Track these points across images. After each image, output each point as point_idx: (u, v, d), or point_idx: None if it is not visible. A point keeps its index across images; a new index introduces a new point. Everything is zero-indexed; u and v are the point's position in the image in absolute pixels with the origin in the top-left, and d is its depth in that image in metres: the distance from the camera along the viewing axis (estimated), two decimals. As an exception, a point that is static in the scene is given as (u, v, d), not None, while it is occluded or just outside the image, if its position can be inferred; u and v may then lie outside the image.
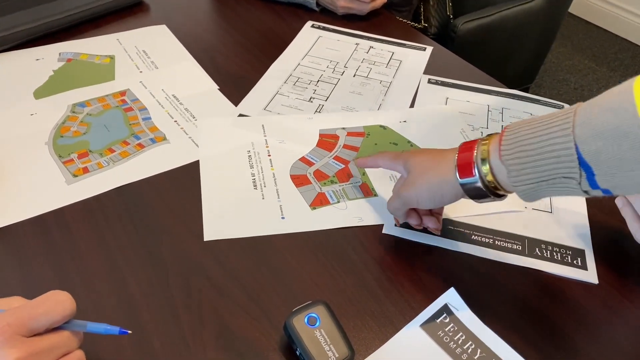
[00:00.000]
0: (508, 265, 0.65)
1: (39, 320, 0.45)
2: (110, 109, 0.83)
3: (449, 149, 0.61)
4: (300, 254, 0.65)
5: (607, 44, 2.87)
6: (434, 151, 0.63)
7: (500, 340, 0.57)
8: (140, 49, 0.97)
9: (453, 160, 0.58)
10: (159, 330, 0.56)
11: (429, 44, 1.07)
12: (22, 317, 0.44)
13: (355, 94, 0.91)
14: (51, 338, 0.45)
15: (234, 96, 0.88)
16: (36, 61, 0.92)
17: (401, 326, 0.58)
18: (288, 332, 0.54)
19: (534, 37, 1.73)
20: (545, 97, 0.94)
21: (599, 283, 0.64)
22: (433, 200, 0.61)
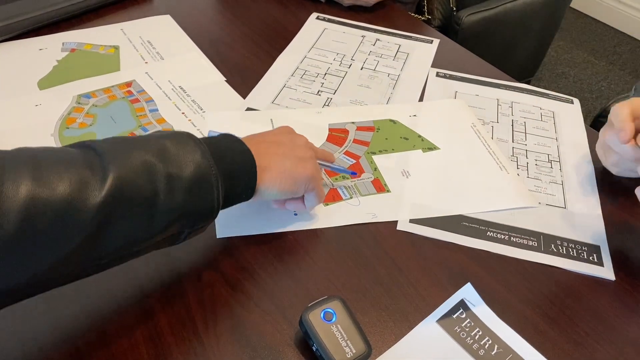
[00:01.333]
0: (523, 261, 0.65)
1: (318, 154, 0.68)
2: (116, 100, 0.82)
3: None
4: (313, 249, 0.64)
5: (606, 38, 2.86)
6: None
7: (517, 335, 0.57)
8: (144, 39, 0.95)
9: None
10: (172, 325, 0.55)
11: (435, 36, 1.06)
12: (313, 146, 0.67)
13: (363, 87, 0.90)
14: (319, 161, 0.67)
15: (240, 88, 0.87)
16: (39, 51, 0.90)
17: (417, 322, 0.58)
18: (304, 327, 0.53)
19: (536, 30, 1.73)
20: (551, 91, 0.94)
21: (614, 280, 0.64)
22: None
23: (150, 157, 0.48)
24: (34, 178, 0.41)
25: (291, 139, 0.64)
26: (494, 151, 0.79)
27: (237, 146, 0.57)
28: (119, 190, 0.45)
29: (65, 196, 0.42)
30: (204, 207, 0.52)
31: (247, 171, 0.57)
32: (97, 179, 0.44)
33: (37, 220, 0.41)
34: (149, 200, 0.47)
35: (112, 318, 0.55)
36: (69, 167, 0.44)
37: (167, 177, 0.48)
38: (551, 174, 0.77)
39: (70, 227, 0.42)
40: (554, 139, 0.83)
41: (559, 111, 0.89)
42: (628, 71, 2.63)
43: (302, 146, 0.64)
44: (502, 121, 0.85)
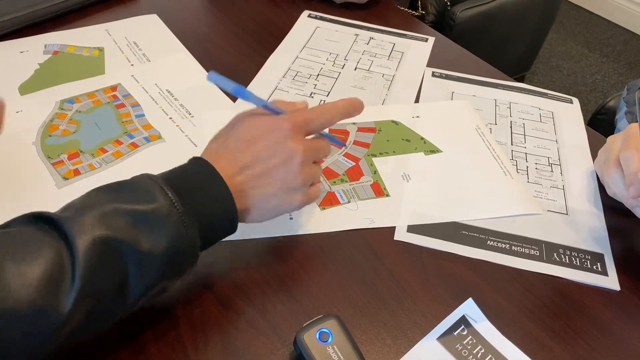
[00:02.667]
0: (525, 272, 0.63)
1: (315, 125, 0.57)
2: (101, 105, 0.78)
3: None
4: (308, 262, 0.62)
5: (599, 30, 2.85)
6: None
7: (520, 352, 0.55)
8: (130, 40, 0.92)
9: None
10: (159, 348, 0.53)
11: (430, 33, 1.03)
12: (305, 119, 0.56)
13: (357, 89, 0.87)
14: (320, 141, 0.58)
15: (231, 91, 0.84)
16: (20, 54, 0.87)
17: (417, 339, 0.55)
18: (299, 349, 0.51)
19: (531, 25, 1.70)
20: (540, 85, 0.92)
21: (619, 290, 0.62)
22: None
23: (120, 234, 0.45)
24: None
25: (286, 160, 0.54)
26: (499, 155, 0.76)
27: (215, 186, 0.51)
28: (88, 288, 0.43)
29: (34, 306, 0.40)
30: (180, 271, 0.50)
31: (225, 221, 0.53)
32: (66, 281, 0.42)
33: (3, 333, 0.39)
34: (119, 288, 0.45)
35: (95, 339, 0.53)
36: (33, 262, 0.41)
37: (137, 259, 0.45)
38: (552, 178, 0.75)
39: (39, 336, 0.41)
40: (554, 141, 0.81)
41: (558, 111, 0.87)
42: (622, 63, 2.62)
43: (296, 171, 0.55)
44: (500, 123, 0.83)
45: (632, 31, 2.84)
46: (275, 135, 0.54)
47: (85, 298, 0.43)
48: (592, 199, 0.72)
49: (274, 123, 0.55)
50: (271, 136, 0.55)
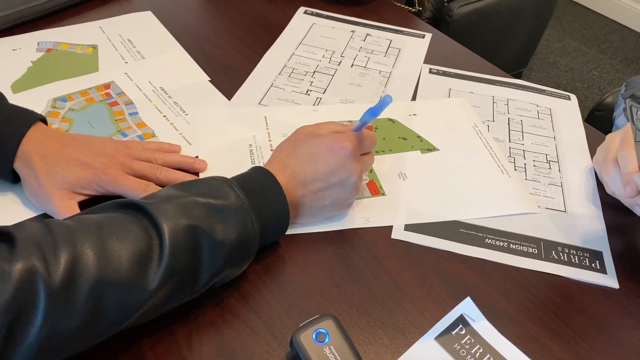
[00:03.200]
0: (524, 270, 0.62)
1: (366, 147, 0.64)
2: (94, 103, 0.78)
3: None
4: (304, 262, 0.61)
5: (596, 26, 2.84)
6: None
7: (519, 352, 0.54)
8: (124, 37, 0.91)
9: None
10: (154, 349, 0.52)
11: (426, 29, 1.02)
12: (360, 141, 0.62)
13: (354, 86, 0.86)
14: (368, 158, 0.65)
15: (226, 88, 0.83)
16: (13, 51, 0.86)
17: (414, 339, 0.55)
18: (295, 350, 0.50)
19: (528, 21, 1.70)
20: (537, 81, 0.91)
21: (618, 288, 0.61)
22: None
23: (200, 222, 0.50)
24: (101, 256, 0.45)
25: (344, 180, 0.60)
26: (496, 153, 0.76)
27: (275, 194, 0.57)
28: (171, 268, 0.48)
29: (127, 280, 0.46)
30: (240, 266, 0.55)
31: (280, 222, 0.58)
32: (155, 260, 0.48)
33: (102, 300, 0.45)
34: (194, 271, 0.51)
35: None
36: (130, 243, 0.47)
37: (212, 246, 0.51)
38: (550, 176, 0.74)
39: (129, 306, 0.47)
40: (552, 137, 0.80)
41: (556, 108, 0.86)
42: (619, 59, 2.62)
43: (351, 190, 0.61)
44: (497, 120, 0.82)
45: (629, 27, 2.83)
46: (337, 154, 0.59)
47: (168, 277, 0.48)
48: (590, 196, 0.72)
49: (336, 142, 0.60)
50: (333, 155, 0.59)
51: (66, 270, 0.43)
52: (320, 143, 0.60)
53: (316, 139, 0.61)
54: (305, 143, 0.61)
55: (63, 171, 0.60)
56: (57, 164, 0.60)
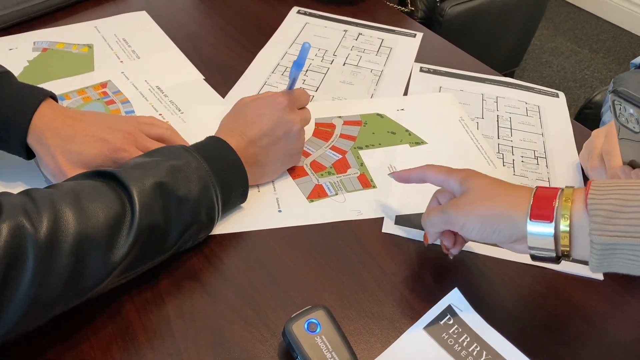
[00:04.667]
0: (511, 262, 0.64)
1: (299, 102, 0.70)
2: (91, 102, 0.79)
3: (517, 186, 0.54)
4: (296, 254, 0.62)
5: (588, 26, 2.87)
6: (500, 180, 0.56)
7: (505, 341, 0.56)
8: (120, 37, 0.92)
9: (528, 196, 0.51)
10: (150, 339, 0.53)
11: (418, 29, 1.04)
12: (292, 97, 0.68)
13: (346, 84, 0.88)
14: (303, 112, 0.71)
15: (220, 87, 0.84)
16: (9, 51, 0.87)
17: (404, 329, 0.56)
18: (287, 339, 0.52)
19: (520, 21, 1.71)
20: (529, 80, 0.93)
21: (603, 279, 0.63)
22: (481, 232, 0.53)
23: (164, 179, 0.54)
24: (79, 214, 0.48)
25: (287, 132, 0.66)
26: (482, 146, 0.78)
27: (229, 156, 0.62)
28: (143, 224, 0.52)
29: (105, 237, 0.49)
30: (207, 221, 0.58)
31: (240, 183, 0.62)
32: (127, 219, 0.51)
33: (84, 254, 0.48)
34: (164, 225, 0.54)
35: (86, 331, 0.53)
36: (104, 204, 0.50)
37: (177, 201, 0.55)
38: (537, 171, 0.76)
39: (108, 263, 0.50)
40: (540, 134, 0.82)
41: (544, 105, 0.88)
42: (611, 59, 2.64)
43: (295, 138, 0.67)
44: (487, 117, 0.84)
45: (621, 27, 2.85)
46: (275, 109, 0.66)
47: (142, 233, 0.51)
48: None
49: (272, 99, 0.66)
50: (272, 110, 0.65)
51: (49, 226, 0.46)
52: (259, 103, 0.67)
53: (254, 102, 0.67)
54: (246, 107, 0.67)
55: (79, 148, 0.61)
56: (72, 141, 0.61)
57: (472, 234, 0.54)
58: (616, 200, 0.45)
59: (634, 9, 2.79)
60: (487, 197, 0.54)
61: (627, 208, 0.45)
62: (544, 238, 0.49)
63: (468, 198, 0.54)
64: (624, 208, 0.45)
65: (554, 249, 0.50)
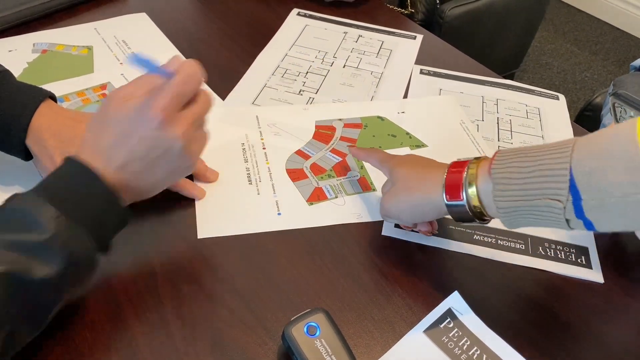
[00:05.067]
0: (511, 265, 0.63)
1: (186, 96, 0.52)
2: (91, 104, 0.79)
3: (435, 166, 0.60)
4: (295, 257, 0.62)
5: (588, 28, 2.87)
6: (420, 164, 0.61)
7: (505, 344, 0.55)
8: (119, 38, 0.92)
9: (441, 181, 0.56)
10: (149, 343, 0.53)
11: (418, 31, 1.04)
12: (174, 97, 0.51)
13: (346, 86, 0.88)
14: (196, 106, 0.53)
15: (220, 89, 0.84)
16: (9, 52, 0.87)
17: (404, 332, 0.56)
18: (287, 343, 0.51)
19: (520, 22, 1.71)
20: (529, 82, 0.93)
21: (603, 282, 0.63)
22: (413, 217, 0.61)
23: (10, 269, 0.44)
24: None
25: (166, 150, 0.52)
26: (483, 149, 0.77)
27: (95, 189, 0.50)
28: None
29: None
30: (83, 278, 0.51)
31: (115, 216, 0.52)
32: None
33: None
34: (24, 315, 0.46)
35: (85, 335, 0.53)
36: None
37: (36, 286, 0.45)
38: (538, 174, 0.75)
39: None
40: (540, 137, 0.82)
41: (544, 107, 0.88)
42: (611, 61, 2.64)
43: (180, 155, 0.53)
44: (487, 119, 0.84)
45: (620, 29, 2.86)
46: (146, 127, 0.51)
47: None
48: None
49: (141, 115, 0.51)
50: (142, 129, 0.51)
51: None
52: (126, 118, 0.51)
53: (122, 112, 0.51)
54: (113, 120, 0.52)
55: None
56: (72, 143, 0.59)
57: (408, 220, 0.62)
58: (514, 168, 0.49)
59: (634, 11, 2.80)
60: (409, 186, 0.59)
61: (521, 174, 0.49)
62: (461, 208, 0.54)
63: (394, 190, 0.60)
64: (519, 174, 0.49)
65: (471, 214, 0.54)
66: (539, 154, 0.49)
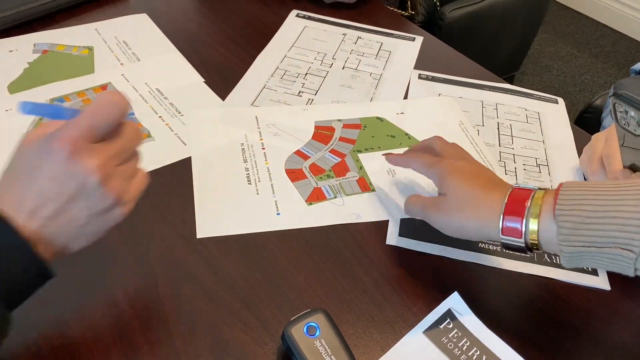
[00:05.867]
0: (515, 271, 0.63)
1: (101, 127, 0.45)
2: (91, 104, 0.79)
3: (493, 186, 0.55)
4: (295, 257, 0.62)
5: (588, 31, 2.87)
6: (475, 178, 0.56)
7: (506, 345, 0.55)
8: (120, 39, 0.92)
9: (499, 212, 0.52)
10: (149, 343, 0.53)
11: (418, 33, 1.04)
12: (85, 127, 0.44)
13: (345, 87, 0.88)
14: (117, 140, 0.46)
15: (220, 89, 0.84)
16: (9, 53, 0.87)
17: (403, 333, 0.56)
18: (287, 343, 0.51)
19: (520, 24, 1.72)
20: (529, 85, 0.93)
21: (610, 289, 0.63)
22: (457, 234, 0.57)
23: None
24: None
25: (81, 188, 0.44)
26: (482, 150, 0.77)
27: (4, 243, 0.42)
28: None
29: None
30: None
31: (32, 275, 0.45)
32: None
33: None
34: None
35: (85, 335, 0.53)
36: None
37: None
38: (540, 179, 0.75)
39: None
40: (541, 141, 0.82)
41: (544, 112, 0.88)
42: (610, 64, 2.64)
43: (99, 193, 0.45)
44: (487, 124, 0.84)
45: (620, 32, 2.86)
46: (53, 161, 0.43)
47: None
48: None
49: (46, 146, 0.43)
50: (49, 163, 0.43)
51: None
52: (31, 154, 0.44)
53: (26, 149, 0.45)
54: (18, 159, 0.45)
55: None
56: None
57: (449, 233, 0.57)
58: (582, 212, 0.47)
59: (633, 14, 2.80)
60: (462, 206, 0.55)
61: (590, 218, 0.46)
62: (516, 243, 0.52)
63: (445, 205, 0.57)
64: (588, 219, 0.46)
65: (524, 247, 0.52)
66: (608, 196, 0.46)
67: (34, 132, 0.46)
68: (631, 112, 0.52)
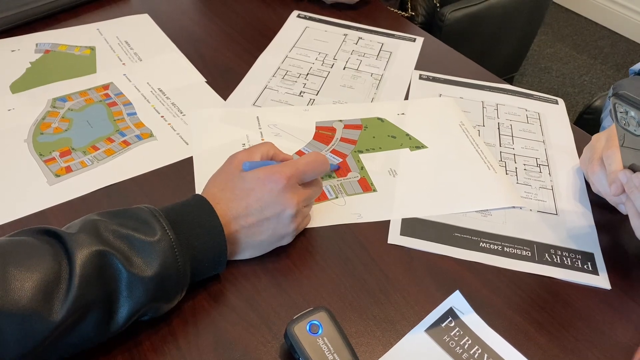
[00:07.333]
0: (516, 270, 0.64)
1: (308, 176, 0.60)
2: (93, 103, 0.79)
3: None
4: (298, 256, 0.62)
5: (587, 32, 2.88)
6: None
7: (506, 343, 0.56)
8: (122, 39, 0.93)
9: None
10: (152, 341, 0.53)
11: (418, 34, 1.04)
12: (298, 171, 0.59)
13: (346, 88, 0.88)
14: (311, 188, 0.62)
15: (222, 89, 0.84)
16: (12, 52, 0.87)
17: (405, 331, 0.56)
18: (289, 341, 0.52)
19: (520, 26, 1.72)
20: (529, 86, 0.93)
21: (610, 288, 0.63)
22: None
23: (115, 251, 0.48)
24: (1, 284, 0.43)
25: (278, 213, 0.58)
26: (482, 150, 0.78)
27: (210, 222, 0.55)
28: (81, 299, 0.46)
29: (27, 310, 0.43)
30: (168, 300, 0.53)
31: (216, 259, 0.56)
32: (62, 290, 0.45)
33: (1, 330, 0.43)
34: (109, 304, 0.48)
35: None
36: (35, 271, 0.45)
37: (128, 279, 0.48)
38: (540, 179, 0.76)
39: (30, 337, 0.44)
40: (541, 141, 0.82)
41: (544, 112, 0.88)
42: (609, 65, 2.65)
43: (287, 223, 0.59)
44: (488, 124, 0.84)
45: (619, 33, 2.87)
46: (268, 188, 0.57)
47: (78, 309, 0.46)
48: (579, 197, 0.73)
49: (268, 175, 0.57)
50: (265, 188, 0.57)
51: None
52: (252, 178, 0.58)
53: (251, 173, 0.58)
54: (237, 177, 0.59)
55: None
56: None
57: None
58: None
59: (632, 15, 2.81)
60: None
61: None
62: None
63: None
64: None
65: None
66: None
67: (240, 155, 0.61)
68: (631, 112, 0.52)
